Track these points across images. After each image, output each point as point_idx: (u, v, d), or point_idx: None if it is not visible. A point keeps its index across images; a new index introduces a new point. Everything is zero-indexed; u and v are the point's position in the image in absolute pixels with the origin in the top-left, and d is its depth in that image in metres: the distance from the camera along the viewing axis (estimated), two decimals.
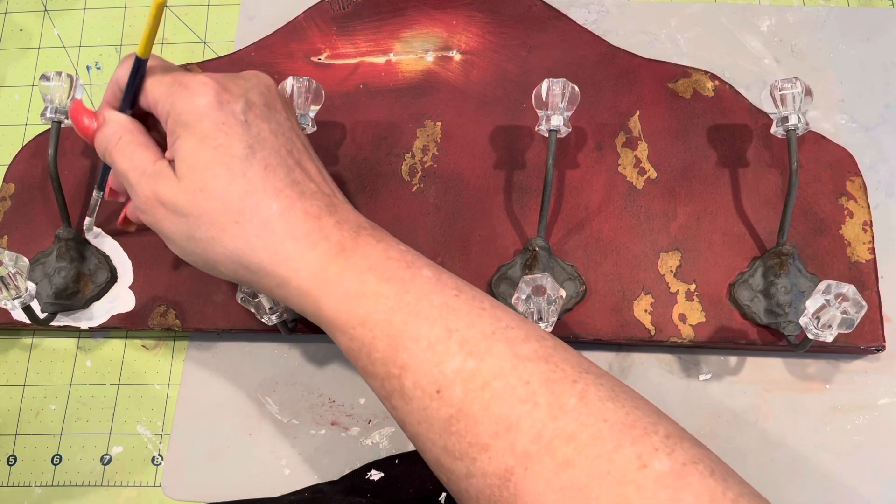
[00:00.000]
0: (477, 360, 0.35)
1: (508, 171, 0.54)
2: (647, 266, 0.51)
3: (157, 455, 0.51)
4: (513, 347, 0.35)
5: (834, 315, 0.41)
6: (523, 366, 0.35)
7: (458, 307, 0.37)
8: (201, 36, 0.62)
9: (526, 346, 0.35)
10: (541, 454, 0.33)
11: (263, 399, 0.52)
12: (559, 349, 0.36)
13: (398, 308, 0.37)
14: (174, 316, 0.52)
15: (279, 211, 0.38)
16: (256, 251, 0.38)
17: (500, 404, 0.34)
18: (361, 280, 0.37)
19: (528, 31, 0.58)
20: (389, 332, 0.36)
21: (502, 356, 0.35)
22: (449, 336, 0.36)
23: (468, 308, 0.37)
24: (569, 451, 0.32)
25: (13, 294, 0.44)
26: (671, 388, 0.51)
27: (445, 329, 0.36)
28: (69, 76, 0.50)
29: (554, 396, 0.34)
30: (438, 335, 0.36)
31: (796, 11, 0.59)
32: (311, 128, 0.49)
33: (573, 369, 0.35)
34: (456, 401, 0.35)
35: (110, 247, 0.54)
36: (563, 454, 0.32)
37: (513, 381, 0.34)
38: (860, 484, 0.48)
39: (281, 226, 0.38)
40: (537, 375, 0.34)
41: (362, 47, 0.58)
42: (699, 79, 0.55)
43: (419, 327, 0.36)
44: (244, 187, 0.38)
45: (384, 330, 0.37)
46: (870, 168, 0.55)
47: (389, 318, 0.37)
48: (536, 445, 0.33)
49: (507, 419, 0.34)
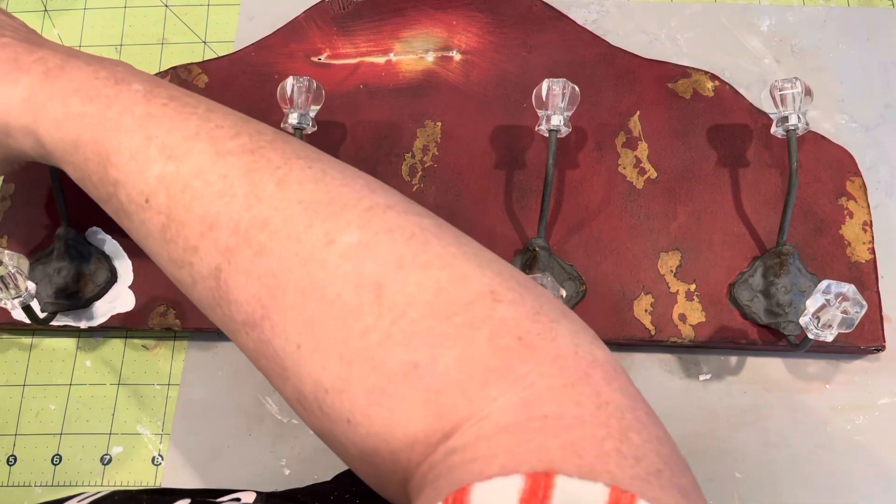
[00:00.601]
0: (177, 162, 0.35)
1: (508, 171, 0.54)
2: (647, 266, 0.51)
3: (158, 455, 0.51)
4: (216, 145, 0.35)
5: (834, 315, 0.41)
6: (223, 160, 0.34)
7: (163, 115, 0.36)
8: (201, 36, 0.62)
9: (233, 143, 0.35)
10: (240, 246, 0.32)
11: (263, 399, 0.52)
12: (278, 141, 0.36)
13: (100, 125, 0.36)
14: (174, 315, 0.52)
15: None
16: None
17: (200, 203, 0.34)
18: (66, 103, 0.37)
19: (528, 31, 0.58)
20: (97, 150, 0.36)
21: (202, 154, 0.35)
22: (148, 143, 0.35)
23: (174, 114, 0.36)
24: (263, 238, 0.32)
25: (13, 294, 0.44)
26: (671, 388, 0.51)
27: (145, 137, 0.35)
28: None
29: (251, 185, 0.33)
30: (138, 144, 0.35)
31: (796, 11, 0.59)
32: (311, 128, 0.49)
33: (281, 157, 0.34)
34: (163, 207, 0.34)
35: (110, 246, 0.54)
36: (258, 242, 0.32)
37: (211, 177, 0.34)
38: (860, 484, 0.48)
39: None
40: (237, 168, 0.34)
41: (362, 47, 0.58)
42: (699, 79, 0.55)
43: (120, 140, 0.36)
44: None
45: (93, 149, 0.37)
46: (870, 168, 0.55)
47: (95, 136, 0.36)
48: (235, 238, 0.33)
49: (209, 216, 0.33)
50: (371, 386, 0.30)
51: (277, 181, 0.33)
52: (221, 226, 0.33)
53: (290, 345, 0.31)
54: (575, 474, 0.24)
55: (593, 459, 0.25)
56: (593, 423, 0.27)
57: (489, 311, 0.30)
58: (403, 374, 0.29)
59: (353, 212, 0.32)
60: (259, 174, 0.34)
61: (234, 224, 0.33)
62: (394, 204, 0.33)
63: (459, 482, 0.25)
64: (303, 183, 0.33)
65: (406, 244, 0.31)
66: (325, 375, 0.31)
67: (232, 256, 0.33)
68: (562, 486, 0.24)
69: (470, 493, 0.25)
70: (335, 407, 0.30)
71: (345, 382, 0.30)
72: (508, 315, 0.30)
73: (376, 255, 0.31)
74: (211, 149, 0.35)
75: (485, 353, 0.29)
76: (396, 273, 0.30)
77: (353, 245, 0.31)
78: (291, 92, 0.49)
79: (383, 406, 0.29)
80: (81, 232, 0.54)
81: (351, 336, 0.30)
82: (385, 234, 0.31)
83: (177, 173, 0.34)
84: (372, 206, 0.33)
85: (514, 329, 0.29)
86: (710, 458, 0.49)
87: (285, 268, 0.31)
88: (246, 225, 0.33)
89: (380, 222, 0.32)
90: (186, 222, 0.34)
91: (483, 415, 0.28)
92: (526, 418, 0.27)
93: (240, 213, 0.33)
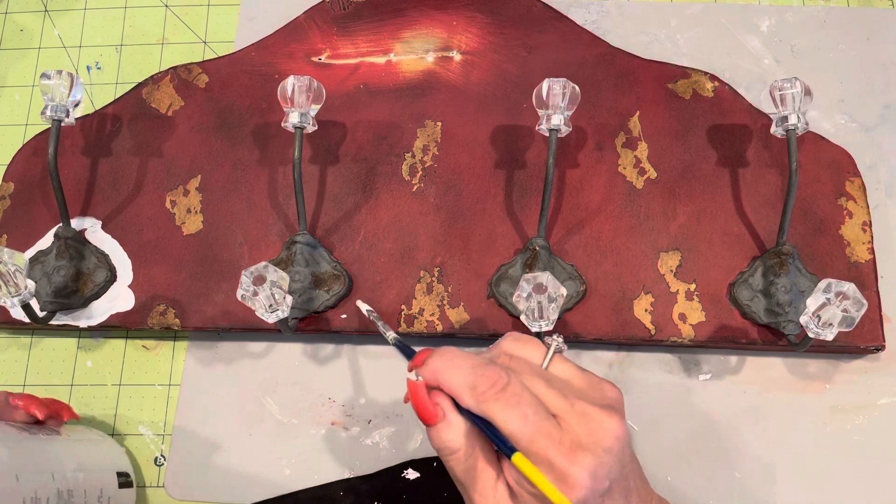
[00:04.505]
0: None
1: (508, 170, 0.54)
2: (647, 266, 0.51)
3: (160, 455, 0.51)
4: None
5: (834, 313, 0.41)
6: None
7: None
8: (201, 36, 0.62)
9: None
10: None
11: (263, 399, 0.52)
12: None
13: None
14: (174, 315, 0.52)
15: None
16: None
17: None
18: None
19: (528, 32, 0.58)
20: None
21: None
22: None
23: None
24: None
25: (12, 292, 0.44)
26: (671, 388, 0.51)
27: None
28: (70, 75, 0.50)
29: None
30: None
31: (796, 11, 0.60)
32: (311, 127, 0.49)
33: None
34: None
35: (109, 246, 0.54)
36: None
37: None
38: (860, 484, 0.48)
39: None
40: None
41: (363, 47, 0.58)
42: (699, 79, 0.56)
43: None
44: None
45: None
46: (869, 168, 0.55)
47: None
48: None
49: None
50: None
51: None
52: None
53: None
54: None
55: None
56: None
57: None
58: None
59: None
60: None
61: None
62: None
63: None
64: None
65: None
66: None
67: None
68: None
69: None
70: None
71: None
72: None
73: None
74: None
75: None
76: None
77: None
78: (292, 91, 0.49)
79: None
80: (81, 231, 0.54)
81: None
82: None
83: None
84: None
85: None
86: (710, 458, 0.49)
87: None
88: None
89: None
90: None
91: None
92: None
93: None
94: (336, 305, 0.51)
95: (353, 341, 0.53)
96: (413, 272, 0.52)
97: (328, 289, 0.51)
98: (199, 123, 0.57)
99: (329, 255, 0.52)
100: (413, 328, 0.51)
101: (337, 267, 0.52)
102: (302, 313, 0.50)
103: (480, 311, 0.51)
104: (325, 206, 0.54)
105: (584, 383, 0.38)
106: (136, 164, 0.56)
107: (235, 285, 0.51)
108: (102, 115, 0.57)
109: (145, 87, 0.58)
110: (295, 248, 0.51)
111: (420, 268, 0.52)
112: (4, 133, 0.60)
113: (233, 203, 0.54)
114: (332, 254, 0.52)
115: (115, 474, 0.48)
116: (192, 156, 0.56)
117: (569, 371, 0.39)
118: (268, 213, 0.54)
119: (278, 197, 0.54)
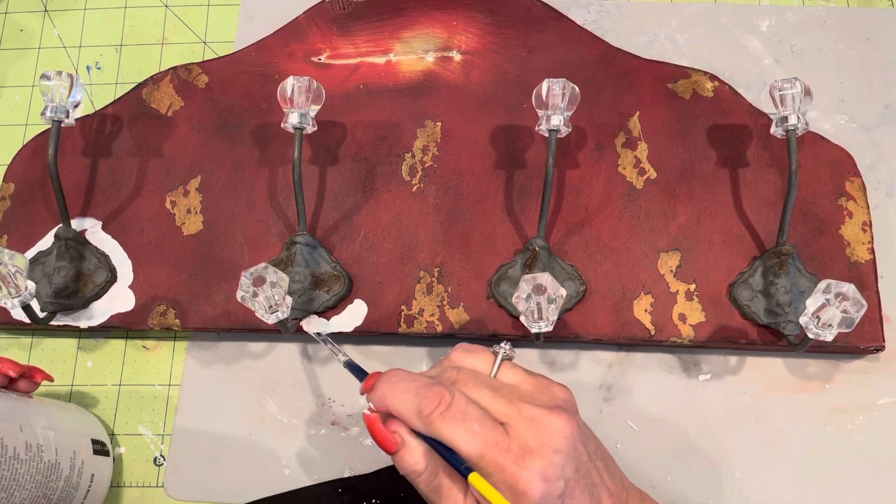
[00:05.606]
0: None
1: (508, 171, 0.54)
2: (647, 266, 0.51)
3: (159, 455, 0.51)
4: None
5: (834, 314, 0.41)
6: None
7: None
8: (201, 36, 0.62)
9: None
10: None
11: (263, 399, 0.52)
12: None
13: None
14: (174, 315, 0.52)
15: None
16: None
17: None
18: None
19: (528, 32, 0.58)
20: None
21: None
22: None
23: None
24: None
25: (13, 292, 0.44)
26: (671, 388, 0.51)
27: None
28: (69, 75, 0.50)
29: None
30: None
31: (796, 11, 0.60)
32: (311, 127, 0.49)
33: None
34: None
35: (110, 246, 0.54)
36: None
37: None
38: (860, 484, 0.48)
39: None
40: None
41: (362, 48, 0.58)
42: (699, 79, 0.56)
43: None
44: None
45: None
46: (869, 168, 0.55)
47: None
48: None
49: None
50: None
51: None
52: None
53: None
54: None
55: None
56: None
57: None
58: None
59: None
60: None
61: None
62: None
63: None
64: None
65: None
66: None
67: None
68: None
69: None
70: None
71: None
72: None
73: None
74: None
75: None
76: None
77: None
78: (292, 92, 0.49)
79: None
80: (81, 232, 0.54)
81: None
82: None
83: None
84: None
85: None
86: (710, 458, 0.49)
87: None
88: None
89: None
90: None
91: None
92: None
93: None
94: (336, 306, 0.51)
95: (352, 342, 0.53)
96: (413, 272, 0.52)
97: (328, 289, 0.51)
98: (199, 124, 0.57)
99: (329, 255, 0.52)
100: (413, 329, 0.51)
101: (337, 267, 0.52)
102: (302, 314, 0.50)
103: (480, 311, 0.51)
104: (325, 207, 0.54)
105: (531, 387, 0.39)
106: (136, 165, 0.56)
107: (235, 286, 0.51)
108: (102, 115, 0.57)
109: (145, 87, 0.58)
110: (295, 249, 0.51)
111: (420, 268, 0.52)
112: (4, 133, 0.60)
113: (233, 203, 0.54)
114: (332, 254, 0.52)
115: (90, 440, 0.48)
116: (192, 156, 0.56)
117: (517, 376, 0.39)
118: (268, 213, 0.54)
119: (278, 197, 0.54)
